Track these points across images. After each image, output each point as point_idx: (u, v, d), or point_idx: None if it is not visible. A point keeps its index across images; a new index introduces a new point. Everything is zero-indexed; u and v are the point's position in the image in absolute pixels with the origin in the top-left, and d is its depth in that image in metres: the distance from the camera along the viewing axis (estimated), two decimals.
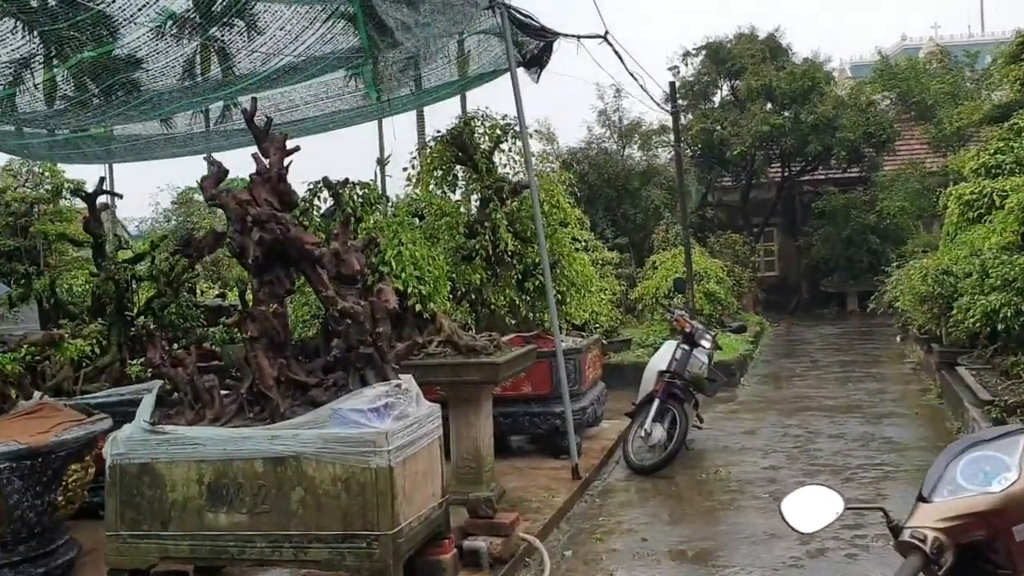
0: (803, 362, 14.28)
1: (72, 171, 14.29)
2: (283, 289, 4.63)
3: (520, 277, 8.18)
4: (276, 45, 6.05)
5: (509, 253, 7.95)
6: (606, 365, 9.89)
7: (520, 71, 8.28)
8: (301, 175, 6.85)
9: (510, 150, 8.43)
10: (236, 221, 4.57)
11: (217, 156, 5.18)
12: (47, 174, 14.08)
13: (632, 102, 29.73)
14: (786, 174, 23.43)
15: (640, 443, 7.66)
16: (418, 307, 6.24)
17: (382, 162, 13.09)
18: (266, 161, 4.68)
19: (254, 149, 4.78)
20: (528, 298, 8.19)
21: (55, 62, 6.61)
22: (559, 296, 8.08)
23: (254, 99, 4.83)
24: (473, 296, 7.97)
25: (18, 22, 6.24)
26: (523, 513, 5.92)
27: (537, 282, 8.03)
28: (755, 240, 22.48)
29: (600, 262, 13.39)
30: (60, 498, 4.84)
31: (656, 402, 7.66)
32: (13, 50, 6.36)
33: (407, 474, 4.28)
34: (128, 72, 6.76)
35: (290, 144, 4.85)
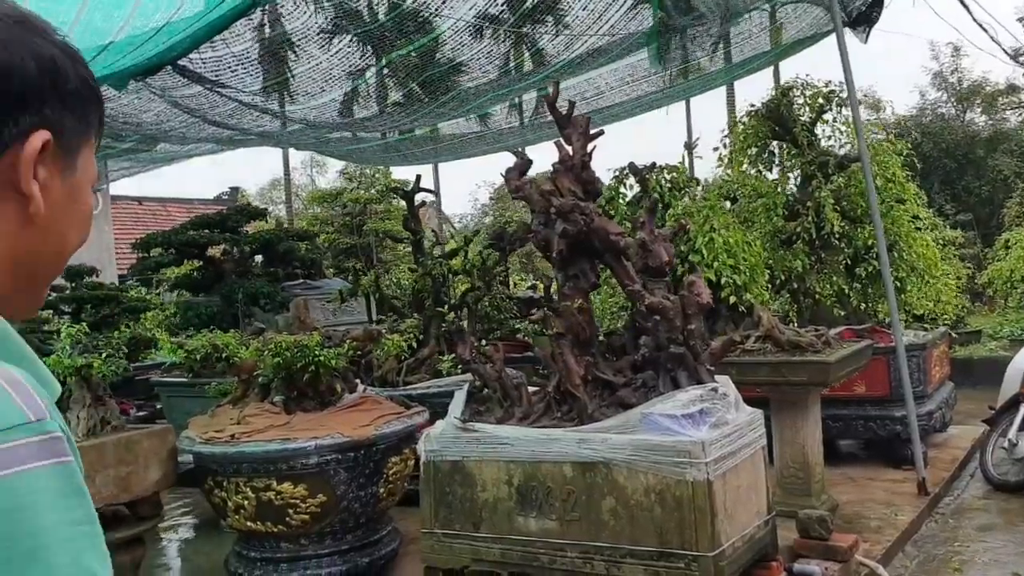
0: None
1: (400, 172, 15.39)
2: (588, 283, 4.37)
3: (849, 262, 7.30)
4: (580, 26, 5.81)
5: (836, 235, 7.11)
6: (952, 361, 8.63)
7: (846, 32, 7.40)
8: (607, 162, 6.60)
9: (834, 120, 7.56)
10: (540, 213, 4.37)
11: (532, 149, 5.08)
12: (378, 176, 15.26)
13: (972, 61, 26.39)
14: None
15: (1003, 455, 6.50)
16: (732, 299, 5.71)
17: (690, 145, 12.57)
18: (569, 148, 4.43)
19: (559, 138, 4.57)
20: (859, 286, 7.29)
21: (383, 61, 6.93)
22: (897, 283, 7.09)
23: (556, 83, 4.61)
24: (795, 285, 7.24)
25: (353, 36, 6.61)
26: (860, 532, 5.20)
27: (870, 267, 7.11)
28: None
29: (941, 242, 11.83)
30: (382, 490, 4.96)
31: (1023, 406, 6.47)
32: (350, 64, 6.77)
33: (728, 489, 3.82)
34: (447, 70, 6.93)
35: (604, 131, 4.59)
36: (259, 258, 10.21)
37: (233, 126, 7.38)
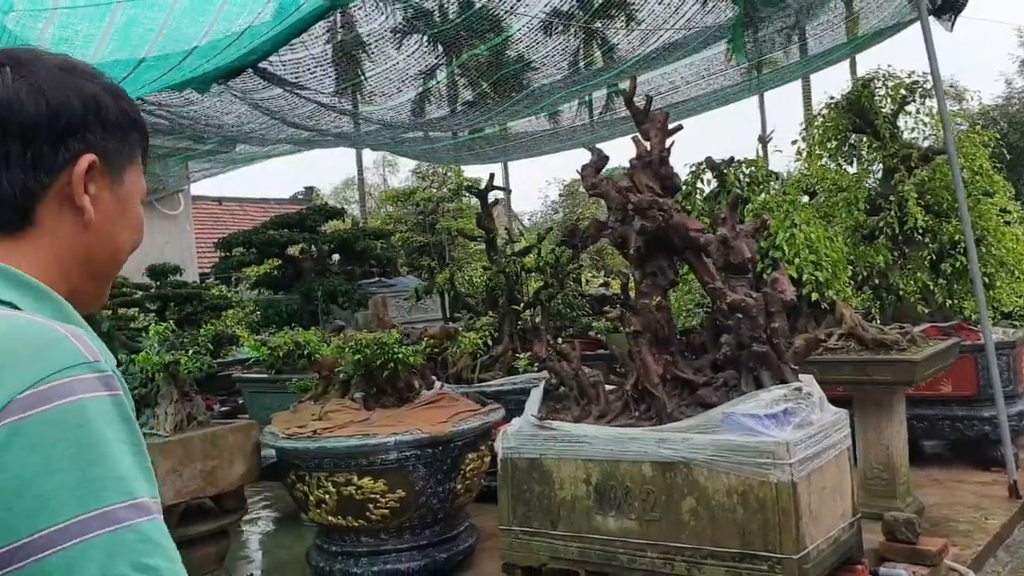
0: None
1: (471, 171, 15.48)
2: (666, 280, 4.32)
3: (934, 258, 7.07)
4: (655, 21, 5.76)
5: (920, 230, 6.90)
6: None
7: (931, 20, 7.17)
8: (682, 158, 6.53)
9: (917, 112, 7.34)
10: (616, 210, 4.34)
11: (602, 146, 5.05)
12: (450, 175, 15.37)
13: None
14: None
15: None
16: (814, 295, 5.59)
17: (763, 139, 12.34)
18: (647, 144, 4.39)
19: (636, 134, 4.53)
20: (944, 282, 7.05)
21: (455, 62, 6.99)
22: (985, 279, 6.85)
23: (633, 78, 4.57)
24: (877, 281, 7.05)
25: (424, 36, 6.68)
26: (949, 536, 5.03)
27: (956, 263, 6.88)
28: None
29: None
30: (459, 486, 5.00)
31: None
32: (423, 64, 6.84)
33: (812, 490, 3.75)
34: (518, 69, 6.96)
35: (683, 126, 4.54)
36: (336, 257, 10.39)
37: (311, 127, 7.52)
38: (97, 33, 4.03)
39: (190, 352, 5.10)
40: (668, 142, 4.38)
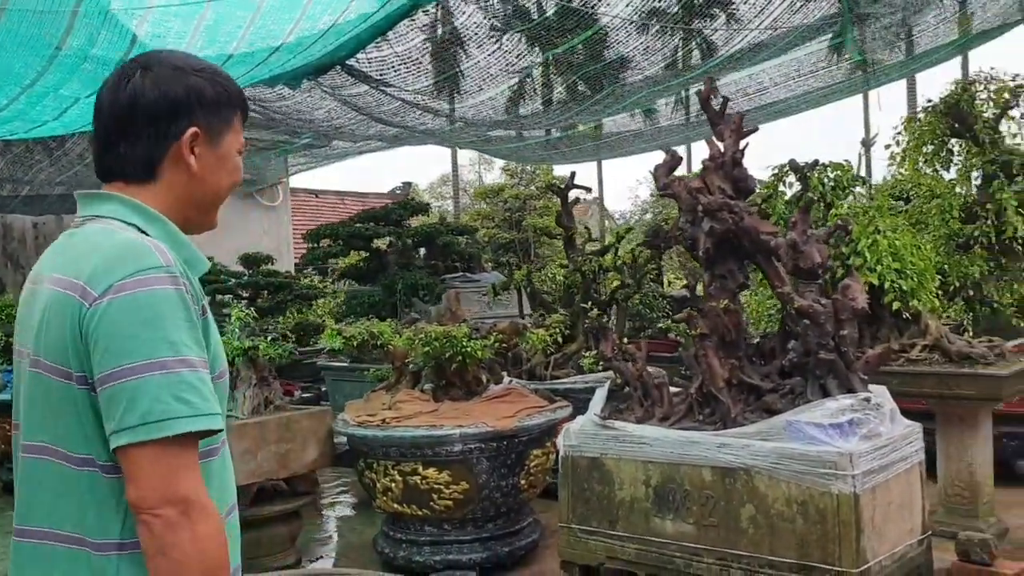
0: None
1: (562, 170, 15.49)
2: (736, 283, 4.25)
3: None
4: (741, 20, 5.67)
5: (1019, 240, 6.57)
6: None
7: None
8: (772, 159, 6.39)
9: (1022, 117, 6.98)
10: (687, 211, 4.30)
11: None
12: (538, 173, 15.43)
13: None
14: None
15: None
16: (897, 305, 5.40)
17: (867, 143, 11.94)
18: (720, 145, 4.33)
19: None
20: None
21: (543, 58, 7.03)
22: None
23: (709, 78, 4.51)
24: (971, 292, 6.75)
25: (521, 35, 6.75)
26: None
27: None
28: None
29: None
30: (523, 481, 5.04)
31: None
32: (511, 61, 6.91)
33: (877, 504, 3.63)
34: (609, 64, 6.94)
35: (758, 128, 4.47)
36: (422, 251, 10.57)
37: (398, 123, 7.69)
38: (188, 30, 4.23)
39: (269, 338, 5.30)
40: (742, 143, 4.31)
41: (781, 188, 6.15)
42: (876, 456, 3.65)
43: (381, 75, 6.19)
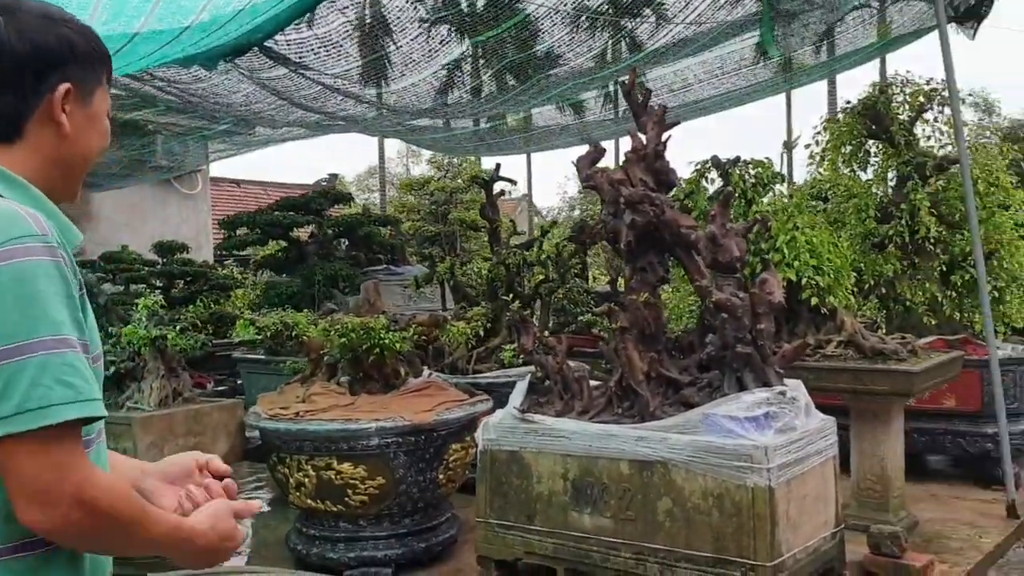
0: None
1: (490, 163, 15.41)
2: (656, 277, 4.23)
3: (944, 269, 6.91)
4: (667, 14, 5.67)
5: (931, 240, 6.75)
6: None
7: (950, 28, 7.02)
8: (699, 158, 6.39)
9: (935, 120, 7.17)
10: (609, 203, 4.26)
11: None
12: (465, 165, 15.32)
13: None
14: None
15: None
16: (814, 301, 5.47)
17: (789, 145, 12.16)
18: (642, 137, 4.31)
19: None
20: (954, 294, 6.90)
21: (468, 44, 6.93)
22: (995, 293, 6.69)
23: (633, 70, 4.49)
24: (884, 290, 6.91)
25: (451, 27, 6.63)
26: (939, 554, 4.91)
27: (967, 275, 6.72)
28: None
29: None
30: (441, 476, 4.94)
31: None
32: (434, 47, 6.78)
33: (792, 497, 3.65)
34: (534, 54, 6.88)
35: (680, 121, 4.46)
36: (345, 242, 10.36)
37: (318, 109, 7.48)
38: (91, 1, 4.00)
39: (179, 328, 5.09)
40: (664, 136, 4.29)
41: (704, 184, 6.18)
42: (791, 449, 3.67)
43: (300, 58, 6.01)
